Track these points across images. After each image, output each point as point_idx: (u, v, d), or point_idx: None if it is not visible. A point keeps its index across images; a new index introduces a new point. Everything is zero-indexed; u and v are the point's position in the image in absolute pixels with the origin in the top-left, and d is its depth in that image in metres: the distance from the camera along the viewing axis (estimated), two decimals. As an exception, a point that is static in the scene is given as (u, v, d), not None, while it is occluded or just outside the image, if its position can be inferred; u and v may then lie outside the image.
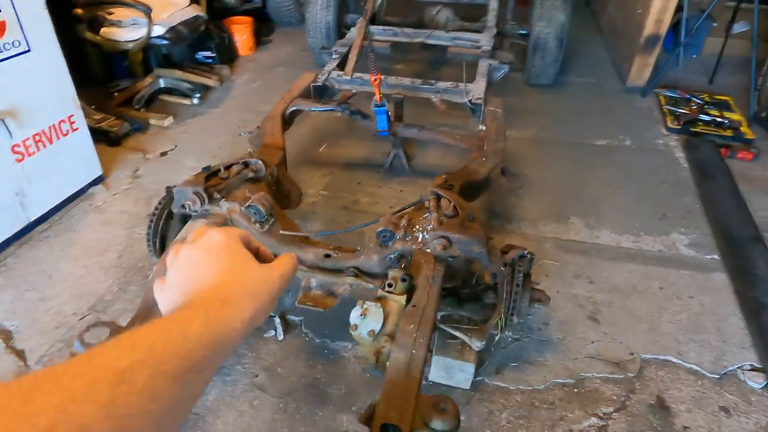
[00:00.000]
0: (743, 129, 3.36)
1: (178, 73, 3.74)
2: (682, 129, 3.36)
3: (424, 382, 1.59)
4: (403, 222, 1.73)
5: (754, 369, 1.93)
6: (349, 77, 2.87)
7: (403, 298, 1.49)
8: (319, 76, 2.89)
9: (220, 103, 3.81)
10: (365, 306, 1.46)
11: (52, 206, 2.55)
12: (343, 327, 2.05)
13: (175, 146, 3.25)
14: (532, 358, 1.97)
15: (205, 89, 3.84)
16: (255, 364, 1.93)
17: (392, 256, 1.71)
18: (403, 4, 4.47)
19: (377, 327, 1.44)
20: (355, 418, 1.75)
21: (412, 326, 1.42)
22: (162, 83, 3.77)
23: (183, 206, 1.82)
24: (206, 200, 1.72)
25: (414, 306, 1.47)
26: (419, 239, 1.69)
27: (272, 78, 4.21)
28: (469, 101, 2.71)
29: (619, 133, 3.47)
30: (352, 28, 3.53)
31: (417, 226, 1.73)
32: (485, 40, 3.26)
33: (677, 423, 1.76)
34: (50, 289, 2.19)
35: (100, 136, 3.11)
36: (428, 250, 1.64)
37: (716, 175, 2.86)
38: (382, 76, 2.63)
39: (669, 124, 3.42)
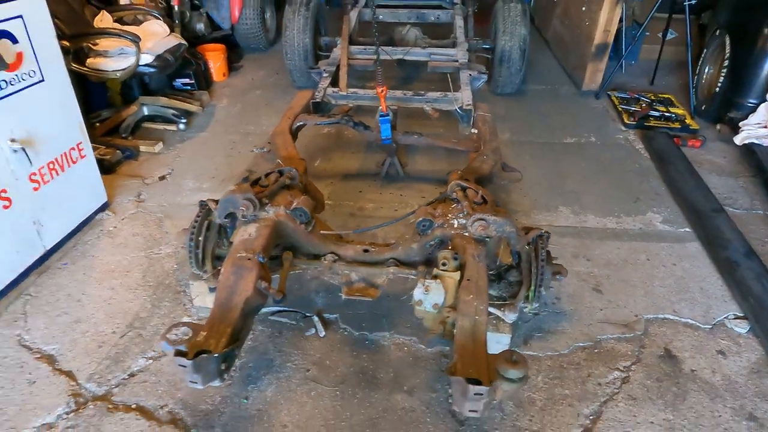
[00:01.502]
0: (688, 121, 3.82)
1: (164, 100, 3.79)
2: (637, 124, 3.78)
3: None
4: (438, 212, 1.92)
5: (737, 317, 2.25)
6: (345, 92, 3.06)
7: (457, 274, 1.67)
8: (317, 93, 3.06)
9: (206, 127, 3.88)
10: (426, 283, 1.62)
11: (65, 234, 2.55)
12: (378, 319, 2.22)
13: (172, 170, 3.30)
14: (552, 328, 2.20)
15: (188, 115, 3.90)
16: (304, 359, 2.03)
17: (432, 242, 1.89)
18: (372, 26, 4.72)
19: (440, 300, 1.61)
20: (409, 397, 1.89)
21: (471, 296, 1.60)
22: (146, 111, 3.80)
23: (228, 215, 1.93)
24: (258, 205, 1.83)
25: (468, 280, 1.65)
26: (455, 225, 1.88)
27: (251, 101, 4.33)
28: (459, 108, 2.96)
29: (584, 131, 3.84)
30: (334, 49, 3.72)
31: (450, 215, 1.92)
32: (460, 54, 3.56)
33: (685, 367, 2.02)
34: (82, 312, 2.20)
35: (94, 164, 3.11)
36: (466, 234, 1.84)
37: (675, 161, 3.24)
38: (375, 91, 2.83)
39: (626, 121, 3.83)
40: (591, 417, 1.83)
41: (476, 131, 2.86)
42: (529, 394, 1.90)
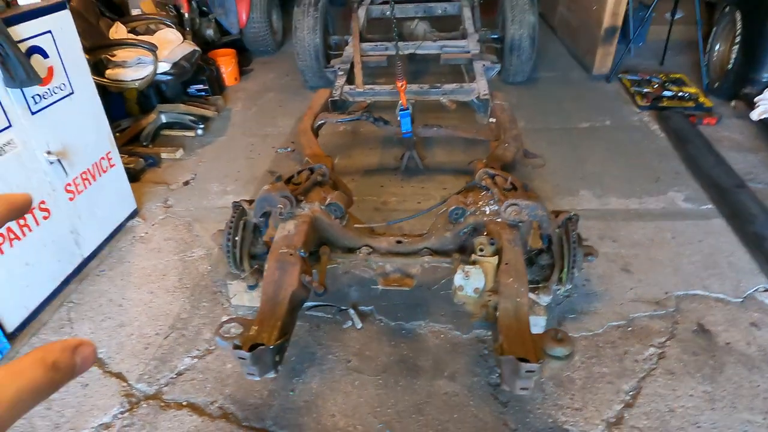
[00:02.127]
0: (702, 99, 3.83)
1: (182, 107, 3.85)
2: (651, 105, 3.79)
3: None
4: (469, 200, 1.96)
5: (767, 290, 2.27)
6: (361, 89, 3.10)
7: (495, 259, 1.71)
8: (334, 92, 3.10)
9: (224, 131, 3.93)
10: (466, 269, 1.66)
11: (101, 241, 2.61)
12: (413, 309, 2.27)
13: (195, 175, 3.35)
14: (584, 309, 2.23)
15: (205, 120, 3.96)
16: (344, 351, 2.08)
17: (466, 230, 1.93)
18: (380, 22, 4.76)
19: (481, 285, 1.65)
20: (451, 382, 1.94)
21: (511, 279, 1.64)
22: (164, 119, 3.86)
23: (265, 213, 1.98)
24: (294, 202, 1.88)
25: (506, 264, 1.69)
26: (487, 212, 1.92)
27: (265, 103, 4.38)
28: (476, 98, 2.99)
29: (598, 115, 3.86)
30: (346, 47, 3.76)
31: (481, 202, 1.96)
32: (472, 44, 3.58)
33: (720, 341, 2.05)
34: (125, 316, 2.26)
35: (119, 173, 3.17)
36: (499, 219, 1.87)
37: (692, 139, 3.26)
38: (391, 86, 2.88)
39: (639, 103, 3.84)
40: (631, 393, 1.86)
41: (494, 120, 2.89)
42: (568, 374, 1.94)
